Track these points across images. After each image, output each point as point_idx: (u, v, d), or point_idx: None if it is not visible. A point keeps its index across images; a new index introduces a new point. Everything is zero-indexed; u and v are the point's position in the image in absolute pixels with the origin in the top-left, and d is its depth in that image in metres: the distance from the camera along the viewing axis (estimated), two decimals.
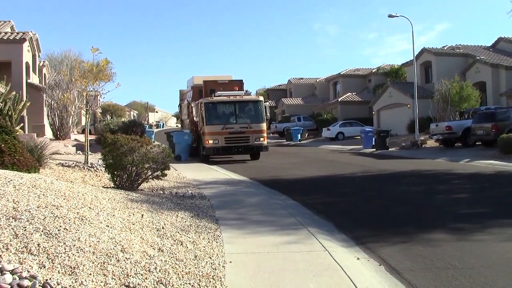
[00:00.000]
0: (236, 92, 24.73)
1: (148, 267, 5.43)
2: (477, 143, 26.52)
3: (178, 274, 5.50)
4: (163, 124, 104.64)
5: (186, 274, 5.56)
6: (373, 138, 32.73)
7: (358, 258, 6.86)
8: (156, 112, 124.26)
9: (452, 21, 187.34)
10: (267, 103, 25.04)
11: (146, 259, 5.71)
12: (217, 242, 7.22)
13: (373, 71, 60.49)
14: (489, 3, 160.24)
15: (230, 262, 6.28)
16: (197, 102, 24.50)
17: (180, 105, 34.07)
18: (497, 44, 43.72)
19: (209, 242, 7.18)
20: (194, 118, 25.05)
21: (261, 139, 23.81)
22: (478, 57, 39.27)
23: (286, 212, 10.05)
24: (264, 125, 24.17)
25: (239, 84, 25.89)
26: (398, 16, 32.84)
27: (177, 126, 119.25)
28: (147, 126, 57.96)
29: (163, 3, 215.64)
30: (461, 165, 20.37)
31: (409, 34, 38.62)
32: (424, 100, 35.70)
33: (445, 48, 44.23)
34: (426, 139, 31.75)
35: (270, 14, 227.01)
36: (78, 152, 23.65)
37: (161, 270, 5.44)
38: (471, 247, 7.39)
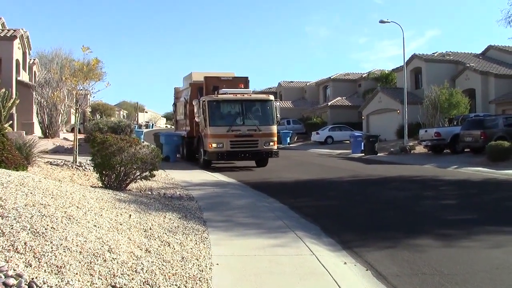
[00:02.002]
0: (243, 90, 22.11)
1: (135, 268, 5.42)
2: (465, 150, 26.68)
3: (165, 275, 5.49)
4: (153, 124, 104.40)
5: (173, 275, 5.55)
6: (362, 143, 32.81)
7: (345, 263, 6.88)
8: (146, 112, 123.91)
9: (442, 28, 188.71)
10: (278, 103, 22.16)
11: (133, 259, 5.69)
12: (204, 244, 7.21)
13: (364, 76, 60.71)
14: (480, 11, 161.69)
15: (217, 264, 6.28)
16: (199, 100, 21.37)
17: (174, 104, 30.24)
18: (486, 52, 44.06)
19: (196, 243, 7.17)
20: (196, 119, 21.84)
21: (271, 143, 20.89)
22: (468, 65, 39.55)
23: (274, 215, 10.06)
24: (274, 128, 21.33)
25: (244, 81, 23.27)
26: (389, 22, 32.99)
27: (166, 126, 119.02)
28: (137, 126, 57.77)
29: (155, 3, 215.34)
30: (449, 172, 20.50)
31: (400, 40, 38.92)
32: (414, 106, 35.87)
33: (436, 54, 44.49)
34: (415, 145, 31.90)
35: (261, 16, 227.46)
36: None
37: (148, 271, 5.43)
38: (457, 253, 7.44)
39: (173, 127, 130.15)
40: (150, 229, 7.54)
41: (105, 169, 11.30)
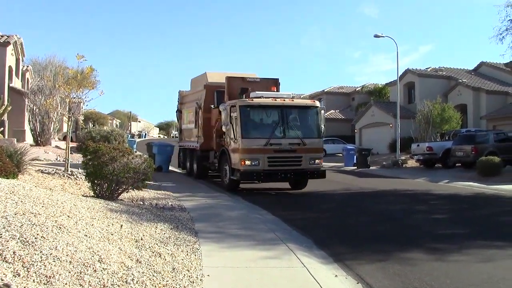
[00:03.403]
0: (281, 93, 17.92)
1: (126, 279, 5.38)
2: (456, 165, 26.81)
3: (155, 286, 5.46)
4: (146, 134, 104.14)
5: (164, 286, 5.52)
6: (355, 156, 32.86)
7: (336, 275, 6.87)
8: (139, 121, 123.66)
9: (436, 43, 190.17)
10: (323, 110, 18.15)
11: (124, 270, 5.66)
12: (195, 255, 7.18)
13: (357, 89, 60.92)
14: (473, 28, 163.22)
15: (208, 275, 6.26)
16: (227, 104, 17.11)
17: (179, 111, 25.33)
18: (479, 68, 44.42)
19: (187, 254, 7.14)
20: (223, 128, 17.24)
21: (317, 160, 16.89)
22: (460, 80, 39.85)
23: (266, 227, 10.05)
24: (321, 142, 17.58)
25: (275, 83, 19.19)
26: (383, 37, 33.18)
27: (159, 136, 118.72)
28: (130, 135, 57.62)
29: (150, 13, 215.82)
30: (440, 186, 20.58)
31: (394, 54, 39.22)
32: (406, 120, 36.03)
33: (429, 69, 44.79)
34: (407, 158, 31.99)
35: (256, 27, 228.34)
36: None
37: (138, 282, 5.40)
38: (447, 267, 7.45)
39: (165, 137, 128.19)
40: (141, 239, 7.50)
41: (97, 178, 11.27)
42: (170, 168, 26.06)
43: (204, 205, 12.79)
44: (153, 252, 6.86)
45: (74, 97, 17.19)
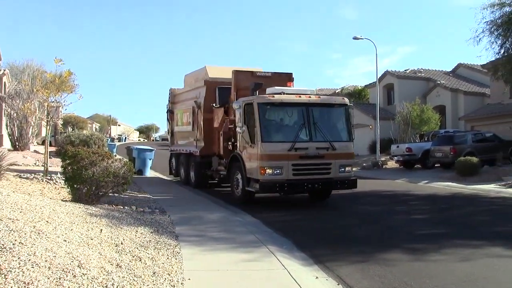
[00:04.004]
0: (303, 89, 15.40)
1: (106, 283, 5.35)
2: (436, 165, 27.10)
3: None
4: (125, 137, 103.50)
5: None
6: None
7: (316, 277, 6.91)
8: (119, 125, 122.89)
9: (414, 45, 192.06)
10: (352, 109, 15.73)
11: (104, 275, 5.62)
12: (176, 259, 7.17)
13: (337, 91, 61.23)
14: (450, 30, 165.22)
15: (189, 279, 6.25)
16: (242, 102, 14.37)
17: (170, 111, 22.48)
18: (456, 70, 44.99)
19: (168, 258, 7.13)
20: (238, 130, 14.41)
21: (347, 168, 14.32)
22: (438, 82, 40.34)
23: (246, 230, 10.06)
24: (352, 146, 14.84)
25: (289, 78, 17.04)
26: (362, 39, 33.41)
27: (139, 140, 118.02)
28: (109, 139, 57.21)
29: (129, 15, 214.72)
30: (420, 186, 20.79)
31: (373, 56, 39.49)
32: (386, 121, 36.30)
33: (407, 71, 45.22)
34: (387, 160, 32.23)
35: (234, 30, 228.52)
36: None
37: (118, 287, 5.37)
38: (427, 267, 7.53)
39: (145, 140, 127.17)
40: (122, 243, 7.47)
41: (77, 182, 11.18)
42: (154, 173, 25.87)
43: (184, 208, 12.67)
44: (134, 256, 6.83)
45: (53, 101, 17.05)
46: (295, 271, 6.99)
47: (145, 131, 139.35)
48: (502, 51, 21.03)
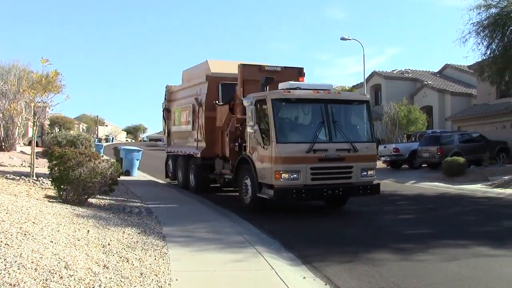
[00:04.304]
0: (320, 84, 13.85)
1: (93, 285, 5.33)
2: (423, 165, 27.27)
3: None
4: (113, 138, 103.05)
5: None
6: None
7: (304, 277, 6.92)
8: (106, 125, 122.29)
9: (402, 46, 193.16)
10: (373, 107, 14.24)
11: (91, 276, 5.60)
12: (163, 260, 7.15)
13: None
14: (438, 31, 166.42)
15: (177, 280, 6.23)
16: (253, 98, 12.94)
17: (166, 109, 21.12)
18: (443, 70, 45.31)
19: (155, 259, 7.10)
20: (249, 129, 12.92)
21: (370, 171, 12.88)
22: (425, 82, 40.63)
23: (234, 230, 10.05)
24: (374, 147, 13.71)
25: (300, 74, 15.70)
26: (350, 39, 33.56)
27: (127, 140, 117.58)
28: (97, 140, 56.93)
29: (117, 14, 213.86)
30: (407, 186, 20.92)
31: (361, 57, 39.65)
32: (373, 121, 36.48)
33: (395, 72, 45.48)
34: None
35: (222, 32, 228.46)
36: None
37: None
38: (414, 267, 7.59)
39: (133, 140, 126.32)
40: (109, 244, 7.43)
41: (63, 183, 11.12)
42: (142, 174, 25.72)
43: (171, 209, 12.65)
44: (121, 257, 6.80)
45: (39, 102, 16.92)
46: (283, 271, 6.99)
47: (132, 131, 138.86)
48: (488, 52, 21.24)
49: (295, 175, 11.90)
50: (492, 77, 21.83)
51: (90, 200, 11.87)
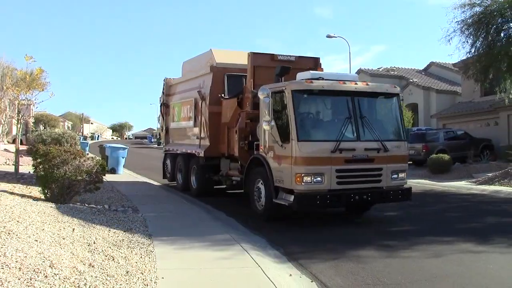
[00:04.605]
0: (345, 74, 13.29)
1: (78, 283, 5.31)
2: (408, 163, 27.43)
3: None
4: (98, 136, 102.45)
5: None
6: None
7: (290, 275, 6.94)
8: (92, 123, 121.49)
9: (388, 44, 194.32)
10: (402, 101, 12.88)
11: (76, 275, 5.57)
12: (149, 258, 7.13)
13: None
14: (423, 29, 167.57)
15: (163, 278, 6.22)
16: (272, 89, 11.19)
17: (165, 104, 19.47)
18: (429, 68, 45.61)
19: (141, 257, 7.08)
20: (264, 126, 11.10)
21: (401, 174, 11.43)
22: (411, 80, 40.89)
23: (220, 228, 10.03)
24: (406, 146, 11.91)
25: (315, 64, 14.37)
26: (336, 37, 33.66)
27: (112, 138, 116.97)
28: (82, 137, 56.56)
29: (99, 11, 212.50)
30: None
31: (347, 55, 39.73)
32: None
33: (380, 69, 45.69)
34: None
35: (210, 28, 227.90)
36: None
37: (91, 286, 5.33)
38: (399, 263, 7.64)
39: (119, 138, 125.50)
40: (94, 243, 7.40)
41: (48, 181, 11.04)
42: (128, 172, 25.58)
43: (158, 207, 12.55)
44: (106, 256, 6.77)
45: (23, 99, 16.78)
46: (269, 269, 7.00)
47: (118, 129, 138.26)
48: (473, 50, 21.38)
49: (318, 178, 10.32)
50: (477, 75, 21.98)
51: (75, 198, 11.79)
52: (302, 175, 10.21)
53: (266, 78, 12.51)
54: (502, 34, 21.10)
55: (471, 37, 21.17)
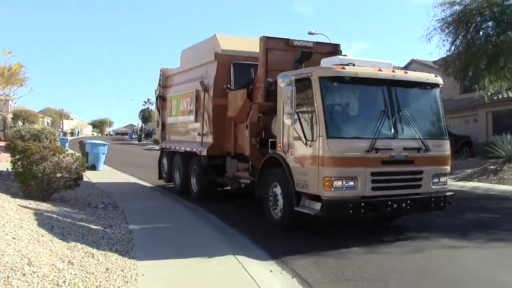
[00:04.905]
0: (378, 60, 10.68)
1: (57, 281, 5.25)
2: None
3: (88, 287, 5.34)
4: (78, 132, 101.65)
5: (97, 287, 5.42)
6: None
7: (271, 271, 6.94)
8: (71, 119, 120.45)
9: (369, 41, 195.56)
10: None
11: (55, 272, 5.51)
12: (130, 255, 7.09)
13: None
14: (404, 27, 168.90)
15: (143, 275, 6.18)
16: (295, 76, 9.47)
17: (160, 97, 17.65)
18: (409, 65, 45.89)
19: (121, 254, 7.03)
20: (286, 121, 9.29)
21: (442, 178, 9.85)
22: None
23: (201, 225, 10.01)
24: (448, 145, 10.32)
25: (335, 51, 12.51)
26: (317, 34, 33.68)
27: (93, 134, 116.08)
28: (62, 134, 56.08)
29: (81, 4, 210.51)
30: None
31: None
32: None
33: None
34: None
35: (189, 20, 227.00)
36: None
37: (70, 284, 5.28)
38: (379, 259, 7.68)
39: (99, 134, 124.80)
40: (74, 240, 7.33)
41: (27, 178, 10.90)
42: (108, 168, 25.35)
43: (138, 203, 12.40)
44: (86, 253, 6.71)
45: (1, 95, 16.59)
46: (250, 266, 7.00)
47: (98, 125, 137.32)
48: (453, 48, 21.61)
49: (351, 183, 8.72)
50: (456, 73, 22.21)
51: (54, 195, 11.67)
52: (332, 179, 8.60)
53: (280, 67, 10.91)
54: (481, 33, 21.37)
55: (451, 35, 21.40)
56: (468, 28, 20.93)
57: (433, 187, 9.52)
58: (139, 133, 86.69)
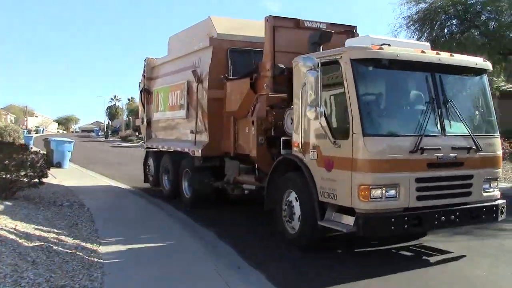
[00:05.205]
0: (414, 42, 10.44)
1: (20, 282, 5.15)
2: None
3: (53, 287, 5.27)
4: (43, 129, 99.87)
5: (62, 287, 5.34)
6: None
7: (239, 267, 6.95)
8: (36, 116, 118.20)
9: None
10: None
11: (18, 273, 5.41)
12: (96, 253, 7.02)
13: None
14: (370, 24, 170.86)
15: (109, 273, 6.13)
16: (321, 57, 7.55)
17: (145, 90, 15.43)
18: None
19: (87, 253, 6.96)
20: (309, 115, 7.25)
21: (493, 183, 7.96)
22: None
23: (168, 222, 9.90)
24: (499, 144, 8.45)
25: (351, 34, 10.70)
26: None
27: (58, 131, 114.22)
28: (26, 131, 55.07)
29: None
30: None
31: None
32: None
33: None
34: None
35: (149, 23, 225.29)
36: None
37: (34, 284, 5.18)
38: (347, 256, 7.78)
39: (64, 132, 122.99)
40: (38, 239, 7.21)
41: None
42: (74, 166, 24.95)
43: (105, 201, 12.25)
44: (51, 252, 6.62)
45: None
46: (216, 261, 7.00)
47: (64, 122, 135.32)
48: None
49: (392, 192, 7.01)
50: None
51: (18, 193, 11.45)
52: (370, 187, 6.87)
53: (290, 52, 9.23)
54: (445, 30, 21.83)
55: (416, 32, 21.80)
56: (433, 26, 21.35)
57: (484, 194, 7.85)
58: (105, 130, 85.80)
